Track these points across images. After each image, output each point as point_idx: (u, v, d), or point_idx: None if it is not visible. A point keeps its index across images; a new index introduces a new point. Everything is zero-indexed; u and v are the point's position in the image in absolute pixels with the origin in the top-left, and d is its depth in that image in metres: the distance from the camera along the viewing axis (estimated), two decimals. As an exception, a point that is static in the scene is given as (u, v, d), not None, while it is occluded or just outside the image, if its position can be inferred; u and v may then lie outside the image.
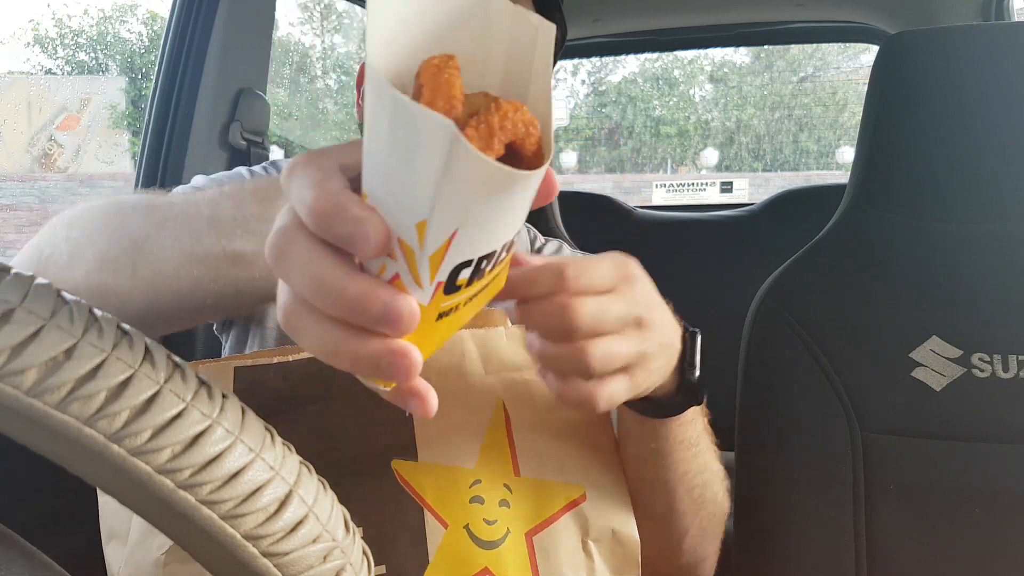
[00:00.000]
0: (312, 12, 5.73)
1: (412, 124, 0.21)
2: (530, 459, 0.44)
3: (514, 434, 0.44)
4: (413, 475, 0.41)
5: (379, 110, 0.22)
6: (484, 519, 0.41)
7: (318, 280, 0.24)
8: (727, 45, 1.90)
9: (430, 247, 0.23)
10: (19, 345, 0.19)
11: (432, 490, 0.41)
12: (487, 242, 0.25)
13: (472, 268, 0.25)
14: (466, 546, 0.41)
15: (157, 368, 0.21)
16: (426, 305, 0.25)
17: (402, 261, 0.24)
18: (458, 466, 0.42)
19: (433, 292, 0.25)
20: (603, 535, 0.44)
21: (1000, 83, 0.67)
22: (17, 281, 0.19)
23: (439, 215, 0.22)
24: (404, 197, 0.23)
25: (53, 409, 0.19)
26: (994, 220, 0.68)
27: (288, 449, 0.24)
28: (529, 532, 0.42)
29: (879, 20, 1.57)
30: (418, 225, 0.23)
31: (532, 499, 0.43)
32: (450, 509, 0.41)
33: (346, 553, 0.24)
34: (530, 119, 0.24)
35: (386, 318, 0.23)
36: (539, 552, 0.42)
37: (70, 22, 2.42)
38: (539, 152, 0.25)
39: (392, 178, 0.23)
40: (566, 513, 0.43)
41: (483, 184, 0.22)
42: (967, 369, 0.65)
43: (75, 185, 2.21)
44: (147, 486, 0.20)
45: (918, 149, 0.69)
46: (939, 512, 0.65)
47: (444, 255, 0.24)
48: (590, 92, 10.36)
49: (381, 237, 0.23)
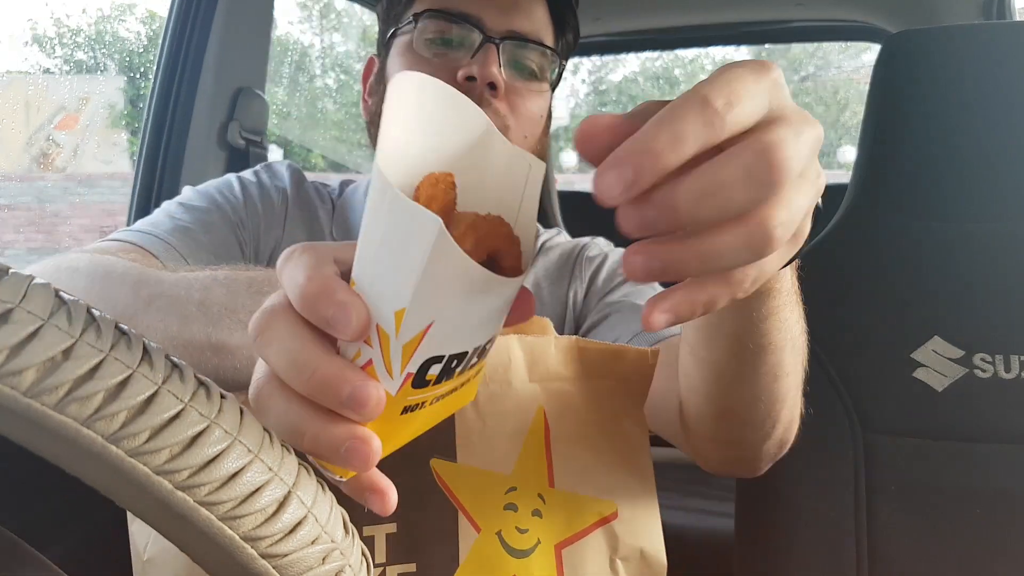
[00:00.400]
0: (311, 11, 5.74)
1: (405, 217, 0.24)
2: (565, 471, 0.43)
3: (552, 444, 0.43)
4: (451, 476, 0.41)
5: (379, 204, 0.25)
6: (517, 527, 0.41)
7: (293, 356, 0.25)
8: (728, 44, 1.90)
9: (405, 336, 0.25)
10: (17, 345, 0.19)
11: (468, 493, 0.41)
12: (459, 342, 0.27)
13: (443, 365, 0.27)
14: (497, 552, 0.41)
15: (155, 369, 0.21)
16: (394, 395, 0.26)
17: (377, 348, 0.26)
18: (495, 471, 0.42)
19: (402, 383, 0.26)
20: (632, 554, 0.44)
21: (1001, 82, 0.66)
22: (15, 281, 0.19)
23: (417, 304, 0.24)
24: (388, 285, 0.25)
25: (51, 410, 0.19)
26: (996, 219, 0.68)
27: (287, 450, 0.24)
28: (559, 544, 0.42)
29: (880, 19, 1.57)
30: (397, 313, 0.25)
31: (564, 511, 0.43)
32: (484, 513, 0.41)
33: (345, 554, 0.24)
34: (513, 237, 0.27)
35: (353, 400, 0.24)
36: (567, 565, 0.42)
37: (68, 21, 2.41)
38: (517, 268, 0.27)
39: (380, 266, 0.25)
40: (597, 529, 0.43)
41: (461, 280, 0.24)
42: (969, 369, 0.65)
43: (73, 185, 2.21)
44: (145, 487, 0.20)
45: (920, 148, 0.69)
46: (940, 512, 0.65)
47: (417, 346, 0.25)
48: (590, 91, 10.37)
49: (362, 320, 0.25)
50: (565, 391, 0.45)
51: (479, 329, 0.27)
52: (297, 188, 0.66)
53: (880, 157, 0.71)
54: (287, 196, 0.65)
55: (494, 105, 0.58)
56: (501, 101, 0.59)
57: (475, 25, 0.59)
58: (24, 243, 2.09)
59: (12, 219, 1.87)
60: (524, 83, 0.62)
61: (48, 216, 2.30)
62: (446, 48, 0.60)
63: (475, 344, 0.28)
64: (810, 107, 11.49)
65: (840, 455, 0.66)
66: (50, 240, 2.28)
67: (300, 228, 0.64)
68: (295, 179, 0.67)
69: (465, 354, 0.27)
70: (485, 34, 0.59)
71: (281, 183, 0.66)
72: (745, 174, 0.21)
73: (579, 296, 0.64)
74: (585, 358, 0.45)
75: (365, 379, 0.25)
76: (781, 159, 0.21)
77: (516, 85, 0.61)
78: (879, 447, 0.66)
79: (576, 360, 0.45)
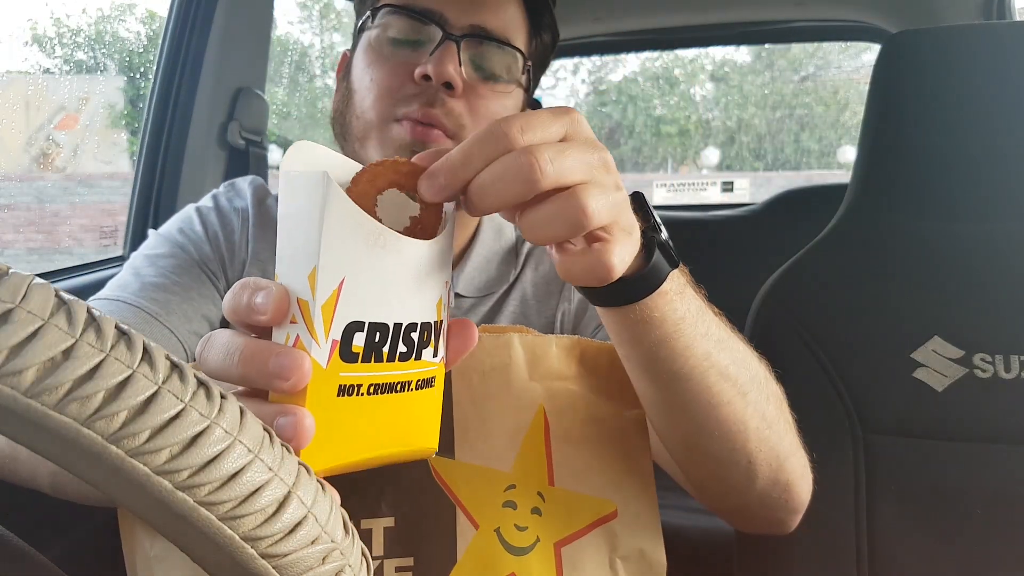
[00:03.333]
0: (311, 11, 5.73)
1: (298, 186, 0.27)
2: (565, 470, 0.43)
3: (552, 443, 0.44)
4: (449, 473, 0.41)
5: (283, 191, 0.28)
6: (515, 524, 0.41)
7: (226, 349, 0.29)
8: (728, 44, 1.90)
9: (320, 296, 0.27)
10: (17, 345, 0.19)
11: (467, 490, 0.41)
12: (378, 310, 0.29)
13: (366, 336, 0.29)
14: (495, 549, 0.41)
15: (155, 368, 0.21)
16: (324, 367, 0.28)
17: (301, 321, 0.28)
18: (494, 468, 0.42)
19: (329, 351, 0.28)
20: (631, 554, 0.44)
21: (1001, 82, 0.66)
22: (15, 281, 0.19)
23: (325, 260, 0.27)
24: (300, 252, 0.28)
25: (51, 409, 0.19)
26: (996, 219, 0.68)
27: (287, 450, 0.24)
28: (559, 543, 0.42)
29: (880, 19, 1.57)
30: (310, 275, 0.27)
31: (564, 510, 0.43)
32: (483, 511, 0.41)
33: (345, 554, 0.24)
34: (411, 168, 0.30)
35: (280, 368, 0.27)
36: (566, 563, 0.42)
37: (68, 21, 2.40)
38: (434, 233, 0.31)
39: (292, 241, 0.28)
40: (596, 528, 0.43)
41: (358, 232, 0.27)
42: (969, 369, 0.65)
43: (73, 184, 2.21)
44: (145, 487, 0.20)
45: (919, 148, 0.69)
46: (941, 512, 0.65)
47: (335, 307, 0.28)
48: (590, 91, 10.36)
49: (281, 296, 0.28)
50: (566, 390, 0.45)
51: (399, 303, 0.29)
52: (259, 205, 0.65)
53: (880, 157, 0.71)
54: (247, 215, 0.64)
55: (448, 104, 0.55)
56: (459, 99, 0.56)
57: (436, 21, 0.56)
58: (24, 243, 2.09)
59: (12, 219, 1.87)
60: (486, 83, 0.58)
61: (48, 216, 2.30)
62: (407, 46, 0.57)
63: (396, 320, 0.29)
64: (810, 107, 11.46)
65: (840, 455, 0.66)
66: (50, 240, 2.28)
67: (263, 244, 0.63)
68: (257, 196, 0.66)
69: (387, 329, 0.29)
70: (446, 31, 0.56)
71: (242, 202, 0.65)
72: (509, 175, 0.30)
73: (568, 316, 0.62)
74: (586, 357, 0.45)
75: (288, 349, 0.28)
76: (542, 163, 0.30)
77: (477, 85, 0.57)
78: (879, 447, 0.66)
79: (577, 359, 0.45)
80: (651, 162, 12.30)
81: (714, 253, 1.59)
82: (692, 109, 12.41)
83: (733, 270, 1.52)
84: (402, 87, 0.56)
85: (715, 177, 10.90)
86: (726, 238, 1.61)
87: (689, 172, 12.25)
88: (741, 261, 1.52)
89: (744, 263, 1.41)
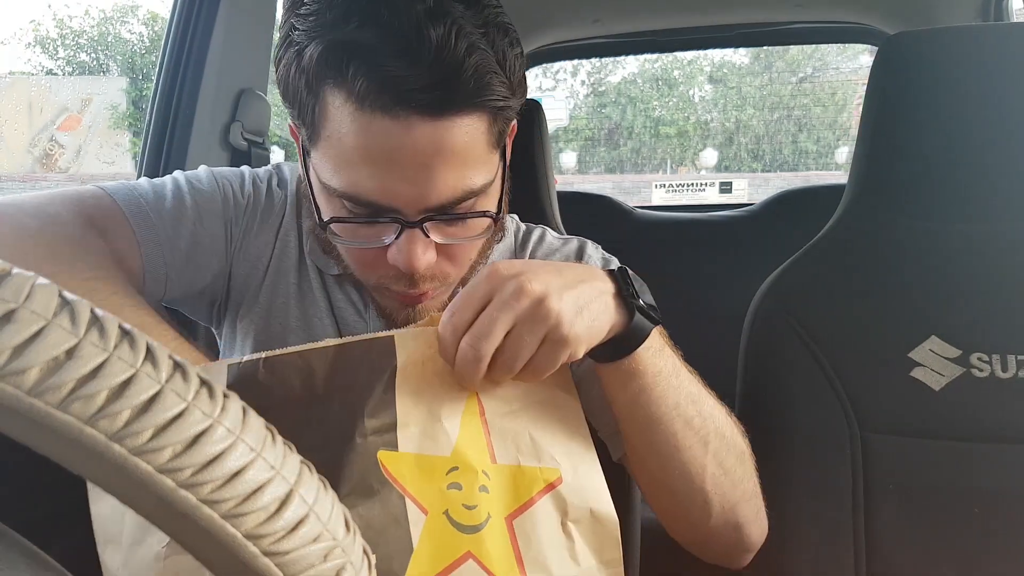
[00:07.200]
0: (312, 12, 5.72)
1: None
2: (505, 446, 0.45)
3: (488, 422, 0.46)
4: (395, 465, 0.43)
5: None
6: (463, 504, 0.43)
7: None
8: (726, 46, 1.90)
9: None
10: (21, 345, 0.19)
11: (411, 478, 0.43)
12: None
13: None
14: (447, 531, 0.42)
15: (159, 368, 0.21)
16: None
17: None
18: (434, 455, 0.43)
19: None
20: (582, 516, 0.45)
21: (999, 83, 0.67)
22: (18, 281, 0.20)
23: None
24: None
25: (54, 409, 0.19)
26: (993, 220, 0.68)
27: (289, 448, 0.24)
28: (509, 516, 0.44)
29: (878, 21, 1.57)
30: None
31: (510, 484, 0.44)
32: (429, 496, 0.42)
33: (347, 552, 0.25)
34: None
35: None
36: (520, 535, 0.44)
37: (71, 23, 2.42)
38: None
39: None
40: (544, 496, 0.45)
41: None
42: (966, 369, 0.65)
43: (76, 185, 2.22)
44: (148, 486, 0.20)
45: (917, 149, 0.69)
46: (938, 512, 0.65)
47: None
48: (590, 92, 10.36)
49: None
50: None
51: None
52: (299, 195, 0.66)
53: (878, 158, 0.71)
54: (286, 204, 0.64)
55: (429, 271, 0.53)
56: (436, 260, 0.52)
57: (391, 217, 0.50)
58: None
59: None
60: (460, 238, 0.54)
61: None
62: (368, 224, 0.52)
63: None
64: (808, 108, 11.48)
65: (838, 454, 0.67)
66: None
67: (293, 234, 0.63)
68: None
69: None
70: (402, 221, 0.50)
71: (285, 189, 0.65)
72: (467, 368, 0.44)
73: None
74: None
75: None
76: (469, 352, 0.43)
77: (450, 245, 0.53)
78: (877, 446, 0.66)
79: None
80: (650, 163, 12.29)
81: (712, 253, 1.59)
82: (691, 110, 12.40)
83: (731, 270, 1.53)
84: (379, 265, 0.53)
85: (713, 178, 10.91)
86: (724, 238, 1.62)
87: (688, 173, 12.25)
88: (739, 261, 1.52)
89: (742, 263, 1.41)
